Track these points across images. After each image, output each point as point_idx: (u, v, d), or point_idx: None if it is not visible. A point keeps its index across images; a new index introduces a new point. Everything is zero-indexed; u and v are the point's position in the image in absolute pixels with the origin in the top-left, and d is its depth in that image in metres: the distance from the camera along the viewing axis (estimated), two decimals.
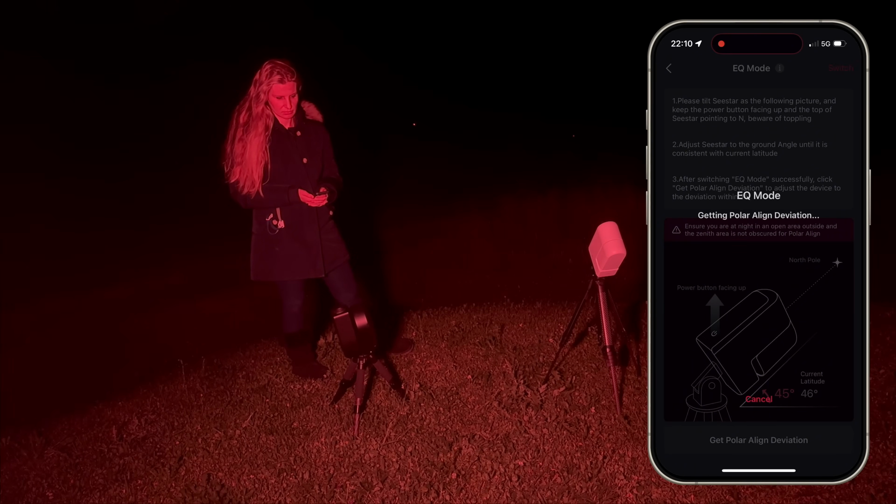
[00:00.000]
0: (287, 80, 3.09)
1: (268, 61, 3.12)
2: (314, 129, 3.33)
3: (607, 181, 8.49)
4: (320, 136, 3.35)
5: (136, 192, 8.96)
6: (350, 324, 2.82)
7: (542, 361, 3.50)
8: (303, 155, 3.25)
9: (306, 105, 3.37)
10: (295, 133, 3.24)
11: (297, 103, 3.18)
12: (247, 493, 2.55)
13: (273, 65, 3.10)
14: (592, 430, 2.79)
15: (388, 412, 3.06)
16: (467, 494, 2.43)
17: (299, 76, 3.16)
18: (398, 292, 6.02)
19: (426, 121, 14.99)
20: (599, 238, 2.77)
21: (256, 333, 4.53)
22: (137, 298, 6.04)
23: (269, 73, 3.08)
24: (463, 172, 11.50)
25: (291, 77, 3.10)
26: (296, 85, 3.13)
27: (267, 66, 3.11)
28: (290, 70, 3.11)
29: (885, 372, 3.09)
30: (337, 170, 3.46)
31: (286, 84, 3.09)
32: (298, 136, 3.24)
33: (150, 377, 4.01)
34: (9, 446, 3.11)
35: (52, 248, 6.90)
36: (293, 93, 3.13)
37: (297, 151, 3.24)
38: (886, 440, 2.55)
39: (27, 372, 4.36)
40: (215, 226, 7.66)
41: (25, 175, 8.28)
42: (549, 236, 7.75)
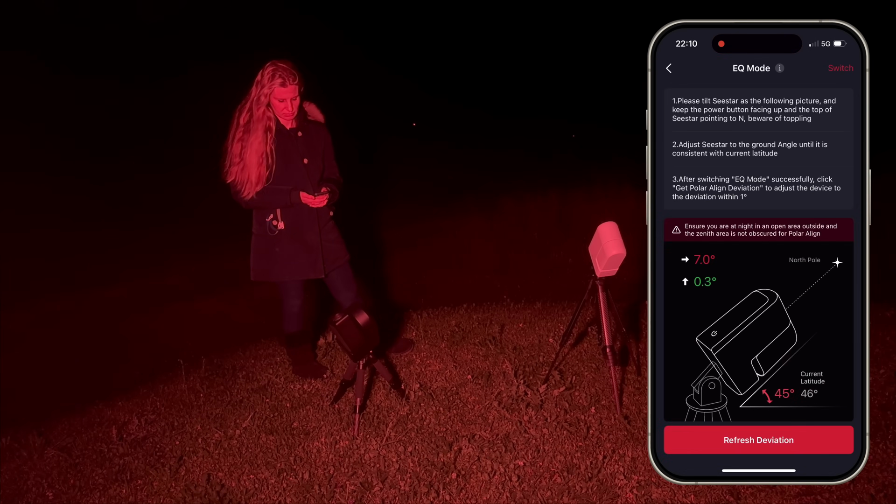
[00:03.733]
0: (289, 84, 3.07)
1: (270, 63, 3.10)
2: (315, 130, 3.32)
3: (607, 181, 8.47)
4: (321, 136, 3.34)
5: (137, 192, 8.95)
6: (353, 325, 2.82)
7: (542, 361, 3.50)
8: (303, 155, 3.24)
9: (308, 105, 3.36)
10: (296, 133, 3.23)
11: (298, 105, 3.17)
12: (247, 493, 2.56)
13: (275, 67, 3.08)
14: (592, 430, 2.79)
15: (388, 412, 3.06)
16: (467, 494, 2.43)
17: (302, 78, 3.14)
18: (398, 292, 6.01)
19: (426, 121, 15.00)
20: (599, 238, 2.77)
21: (256, 333, 4.52)
22: (137, 298, 6.04)
23: (272, 76, 3.06)
24: (463, 172, 11.49)
25: (293, 80, 3.08)
26: (297, 88, 3.12)
27: (269, 67, 3.09)
28: (292, 73, 3.09)
29: (885, 372, 3.09)
30: (337, 170, 3.46)
31: (288, 87, 3.07)
32: (300, 137, 3.24)
33: (150, 377, 4.01)
34: (9, 446, 3.11)
35: (51, 247, 6.90)
36: (294, 95, 3.11)
37: (298, 152, 3.24)
38: (886, 440, 2.55)
39: (27, 372, 4.36)
40: (215, 226, 7.66)
41: (25, 175, 8.28)
42: (549, 236, 7.75)
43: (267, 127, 3.12)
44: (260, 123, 3.10)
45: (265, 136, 3.11)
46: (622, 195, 8.02)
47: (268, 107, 3.12)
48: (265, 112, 3.11)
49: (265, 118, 3.11)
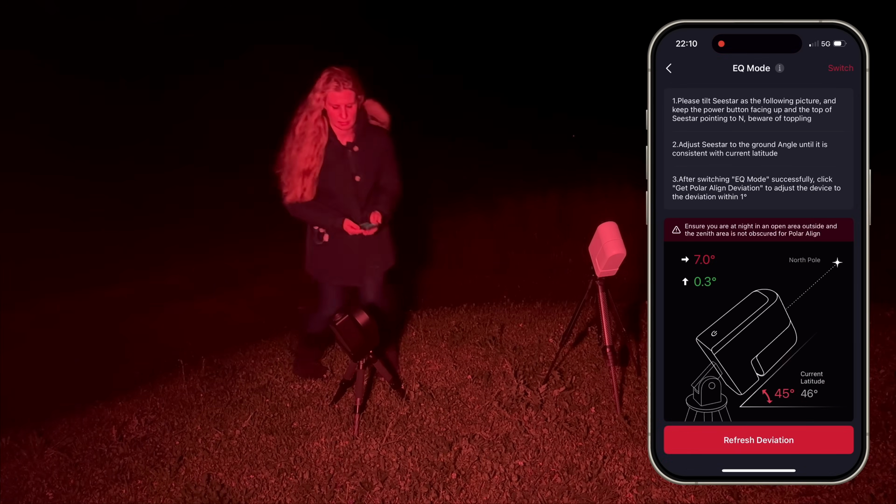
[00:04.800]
0: (343, 88, 2.90)
1: (326, 68, 2.96)
2: (373, 141, 3.12)
3: (607, 181, 8.46)
4: (380, 146, 3.14)
5: (137, 192, 8.95)
6: (353, 325, 2.82)
7: (542, 361, 3.50)
8: (356, 173, 3.09)
9: (370, 105, 3.14)
10: (352, 149, 3.07)
11: (354, 114, 2.99)
12: (247, 493, 2.56)
13: (331, 72, 2.94)
14: (592, 430, 2.79)
15: (388, 412, 3.06)
16: (467, 494, 2.43)
17: (358, 84, 2.96)
18: (398, 292, 6.01)
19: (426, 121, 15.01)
20: (599, 238, 2.77)
21: (256, 333, 4.52)
22: (137, 298, 6.03)
23: (326, 80, 2.92)
24: (463, 172, 11.49)
25: (347, 85, 2.91)
26: (353, 94, 2.93)
27: (325, 73, 2.95)
28: (347, 78, 2.93)
29: (885, 372, 3.09)
30: (396, 178, 3.25)
31: (342, 92, 2.91)
32: (354, 152, 3.07)
33: (150, 377, 4.01)
34: (9, 446, 3.11)
35: (51, 247, 6.89)
36: (350, 102, 2.94)
37: (350, 170, 3.08)
38: (886, 440, 2.55)
39: (27, 372, 4.36)
40: (215, 226, 7.66)
41: (25, 175, 8.28)
42: (549, 236, 7.74)
43: (319, 138, 2.98)
44: (313, 131, 2.97)
45: (316, 148, 2.98)
46: (622, 195, 8.01)
47: (323, 114, 2.98)
48: (318, 120, 2.97)
49: (318, 128, 2.98)
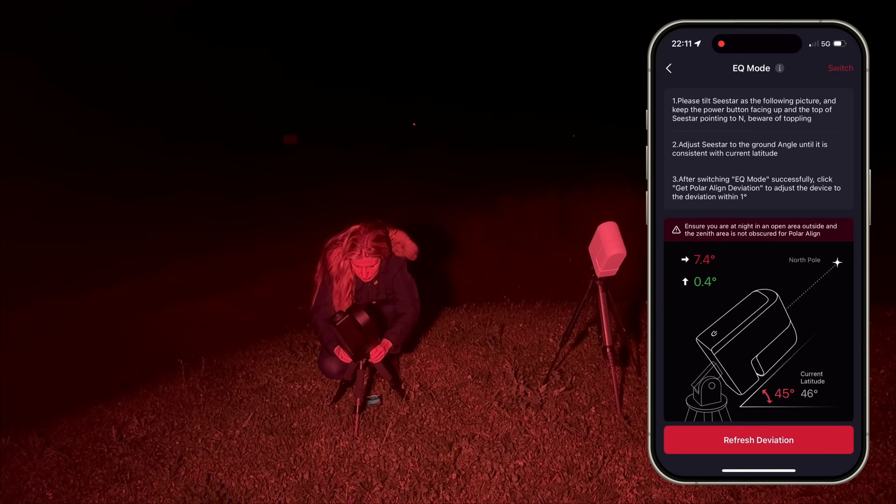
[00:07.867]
0: (365, 256, 3.12)
1: (354, 228, 3.13)
2: (392, 274, 3.31)
3: (607, 181, 8.47)
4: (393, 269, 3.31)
5: (137, 193, 8.96)
6: (353, 325, 2.83)
7: (542, 361, 3.50)
8: (374, 298, 3.35)
9: (397, 235, 3.32)
10: (372, 283, 3.30)
11: (377, 270, 3.21)
12: (247, 493, 2.55)
13: (357, 237, 3.10)
14: (592, 431, 2.78)
15: (388, 412, 3.06)
16: (467, 494, 2.43)
17: (381, 247, 3.15)
18: None
19: (426, 121, 14.99)
20: (599, 238, 2.77)
21: (256, 333, 4.53)
22: (137, 298, 6.04)
23: (351, 247, 3.11)
24: (463, 172, 11.49)
25: (369, 253, 3.11)
26: (375, 259, 3.16)
27: (350, 237, 3.11)
28: (370, 247, 3.10)
29: (885, 372, 3.09)
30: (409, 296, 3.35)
31: (363, 259, 3.13)
32: (375, 285, 3.31)
33: (150, 377, 4.01)
34: (9, 446, 3.11)
35: (52, 248, 6.90)
36: (372, 263, 3.17)
37: (369, 297, 3.33)
38: (886, 440, 2.55)
39: (27, 372, 4.36)
40: (215, 226, 7.66)
41: (25, 175, 8.28)
42: (549, 236, 7.75)
43: (347, 279, 3.21)
44: (341, 275, 3.19)
45: (343, 284, 3.20)
46: (622, 195, 8.02)
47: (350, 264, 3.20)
48: (346, 268, 3.19)
49: (346, 273, 3.20)
